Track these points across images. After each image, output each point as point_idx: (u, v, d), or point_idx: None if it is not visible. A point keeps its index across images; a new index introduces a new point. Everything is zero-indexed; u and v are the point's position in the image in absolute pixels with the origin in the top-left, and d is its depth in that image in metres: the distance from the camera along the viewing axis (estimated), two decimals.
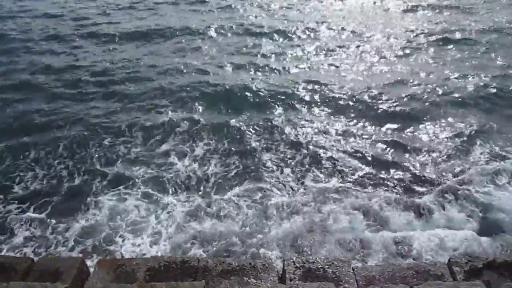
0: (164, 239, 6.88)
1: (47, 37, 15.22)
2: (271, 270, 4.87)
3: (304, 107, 10.68)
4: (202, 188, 8.01)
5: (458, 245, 6.47)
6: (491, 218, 7.00)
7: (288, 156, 8.83)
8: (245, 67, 12.79)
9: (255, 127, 9.90)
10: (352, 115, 10.19)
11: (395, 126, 9.71)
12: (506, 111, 10.03)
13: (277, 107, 10.75)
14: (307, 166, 8.52)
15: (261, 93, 11.36)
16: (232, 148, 9.14)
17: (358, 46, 13.97)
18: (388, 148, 8.94)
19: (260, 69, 12.79)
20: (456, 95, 10.73)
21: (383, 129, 9.63)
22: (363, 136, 9.39)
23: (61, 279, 4.71)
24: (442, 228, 6.85)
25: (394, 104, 10.56)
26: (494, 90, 10.78)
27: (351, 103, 10.68)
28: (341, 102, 10.76)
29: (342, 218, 7.16)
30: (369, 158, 8.66)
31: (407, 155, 8.71)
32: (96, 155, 8.97)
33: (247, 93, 11.30)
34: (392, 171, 8.26)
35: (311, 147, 9.05)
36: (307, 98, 11.05)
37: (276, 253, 6.42)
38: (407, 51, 13.56)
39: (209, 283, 4.64)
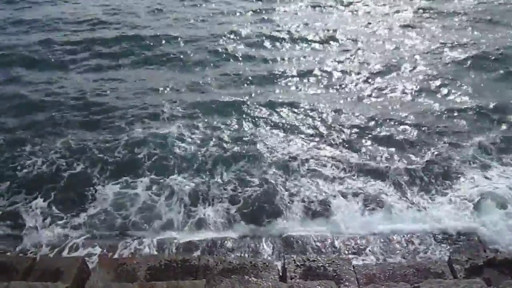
0: (170, 228, 6.94)
1: (41, 42, 15.10)
2: (272, 269, 4.89)
3: (301, 101, 10.55)
4: (202, 171, 8.13)
5: (457, 240, 6.47)
6: (485, 210, 7.00)
7: (285, 146, 8.87)
8: (244, 73, 12.29)
9: (251, 119, 9.90)
10: (355, 113, 9.94)
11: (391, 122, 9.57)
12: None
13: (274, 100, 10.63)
14: (304, 153, 8.58)
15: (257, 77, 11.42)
16: (230, 134, 9.32)
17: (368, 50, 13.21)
18: (384, 144, 8.89)
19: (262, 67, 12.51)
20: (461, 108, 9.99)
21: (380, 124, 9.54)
22: (360, 131, 9.29)
23: (62, 279, 4.72)
24: (439, 223, 6.82)
25: (391, 103, 10.32)
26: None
27: (353, 102, 10.50)
28: (342, 99, 10.69)
29: (338, 204, 7.26)
30: (366, 150, 8.67)
31: (400, 150, 8.65)
32: (96, 146, 8.97)
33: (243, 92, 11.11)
34: (386, 166, 8.18)
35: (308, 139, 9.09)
36: (302, 94, 10.97)
37: (276, 251, 6.42)
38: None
39: (210, 282, 4.65)
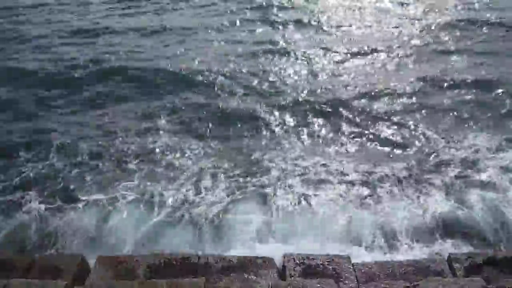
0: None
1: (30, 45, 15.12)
2: (271, 267, 4.89)
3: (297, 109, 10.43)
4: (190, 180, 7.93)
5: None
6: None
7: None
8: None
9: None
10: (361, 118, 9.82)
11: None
12: None
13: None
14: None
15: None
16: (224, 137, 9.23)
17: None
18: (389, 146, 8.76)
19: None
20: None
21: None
22: (362, 136, 9.09)
23: (61, 276, 4.72)
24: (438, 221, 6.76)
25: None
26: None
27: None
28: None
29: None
30: (369, 153, 8.59)
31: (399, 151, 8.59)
32: (89, 151, 8.91)
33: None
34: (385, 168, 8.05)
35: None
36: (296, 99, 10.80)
37: (276, 250, 6.41)
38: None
39: (210, 280, 4.65)
